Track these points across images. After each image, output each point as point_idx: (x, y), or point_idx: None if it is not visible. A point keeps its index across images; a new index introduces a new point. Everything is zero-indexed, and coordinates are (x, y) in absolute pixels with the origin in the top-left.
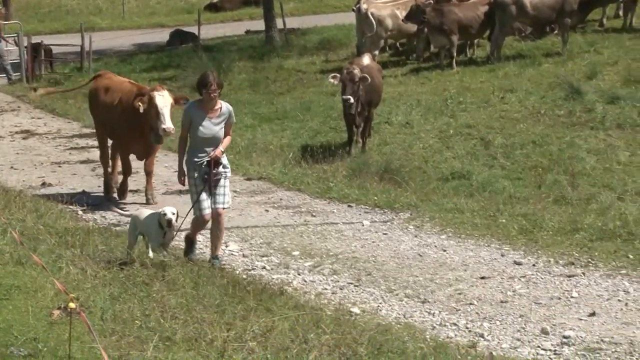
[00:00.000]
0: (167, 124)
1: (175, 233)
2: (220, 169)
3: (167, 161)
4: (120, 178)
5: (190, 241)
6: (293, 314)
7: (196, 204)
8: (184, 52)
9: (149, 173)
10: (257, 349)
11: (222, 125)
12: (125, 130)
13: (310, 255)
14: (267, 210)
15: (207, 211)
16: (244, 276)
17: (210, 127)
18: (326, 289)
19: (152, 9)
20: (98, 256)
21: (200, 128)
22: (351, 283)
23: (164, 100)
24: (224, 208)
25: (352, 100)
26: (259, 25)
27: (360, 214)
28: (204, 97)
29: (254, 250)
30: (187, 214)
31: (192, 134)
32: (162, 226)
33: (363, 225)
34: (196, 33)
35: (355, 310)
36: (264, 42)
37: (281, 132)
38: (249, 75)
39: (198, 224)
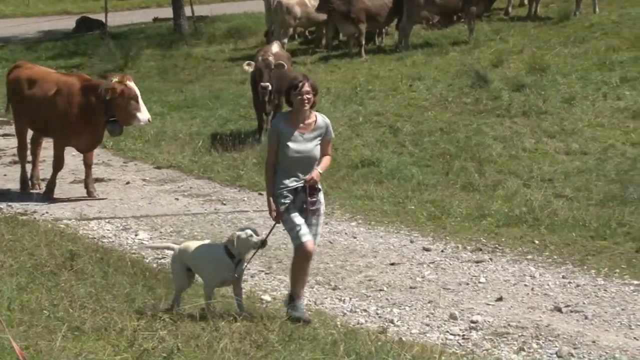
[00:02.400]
0: (148, 114)
1: (244, 265)
2: (320, 196)
3: (73, 150)
4: (40, 172)
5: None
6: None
7: (293, 231)
8: (91, 40)
9: (89, 165)
10: (168, 337)
11: (318, 141)
12: (67, 123)
13: None
14: (177, 199)
15: (308, 237)
16: (154, 265)
17: (303, 143)
18: None
19: None
20: (5, 245)
21: (290, 145)
22: (262, 270)
23: (137, 90)
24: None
25: (270, 87)
26: (167, 12)
27: None
28: (295, 103)
29: (164, 238)
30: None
31: (280, 154)
32: (233, 255)
33: None
34: (103, 20)
35: (266, 297)
36: (173, 29)
37: (190, 120)
38: (158, 63)
39: (300, 258)
